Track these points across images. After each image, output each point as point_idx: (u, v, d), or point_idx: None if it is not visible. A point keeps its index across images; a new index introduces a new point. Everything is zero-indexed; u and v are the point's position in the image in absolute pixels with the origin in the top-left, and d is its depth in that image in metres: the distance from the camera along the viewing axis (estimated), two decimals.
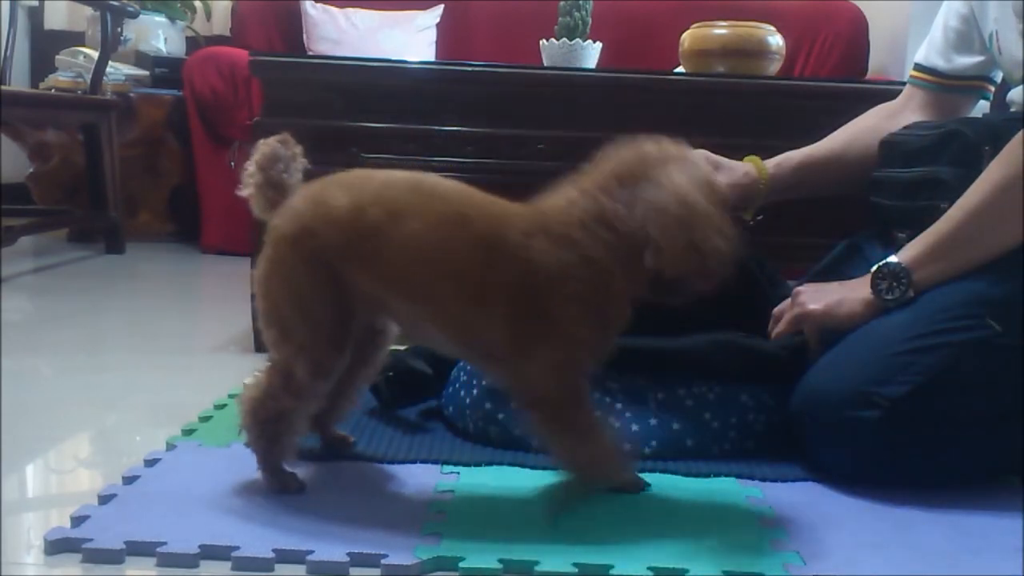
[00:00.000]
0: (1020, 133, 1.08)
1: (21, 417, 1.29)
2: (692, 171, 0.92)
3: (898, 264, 1.11)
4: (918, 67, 1.40)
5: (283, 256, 0.96)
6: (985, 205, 1.09)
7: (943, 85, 1.37)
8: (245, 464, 1.09)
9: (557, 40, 1.97)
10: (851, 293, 1.15)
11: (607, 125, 1.67)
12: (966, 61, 1.34)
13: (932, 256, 1.11)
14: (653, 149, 0.94)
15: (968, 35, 1.33)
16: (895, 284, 1.11)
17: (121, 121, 3.03)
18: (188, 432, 1.20)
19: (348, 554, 0.87)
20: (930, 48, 1.38)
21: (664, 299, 0.95)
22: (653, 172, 0.91)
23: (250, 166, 1.00)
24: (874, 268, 1.13)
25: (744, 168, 1.34)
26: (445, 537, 0.91)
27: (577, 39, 1.96)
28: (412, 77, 1.73)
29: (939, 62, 1.36)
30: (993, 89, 1.38)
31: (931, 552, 0.93)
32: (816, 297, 1.15)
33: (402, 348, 1.37)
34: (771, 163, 1.36)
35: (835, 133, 1.41)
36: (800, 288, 1.19)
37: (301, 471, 1.07)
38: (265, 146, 1.00)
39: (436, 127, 1.67)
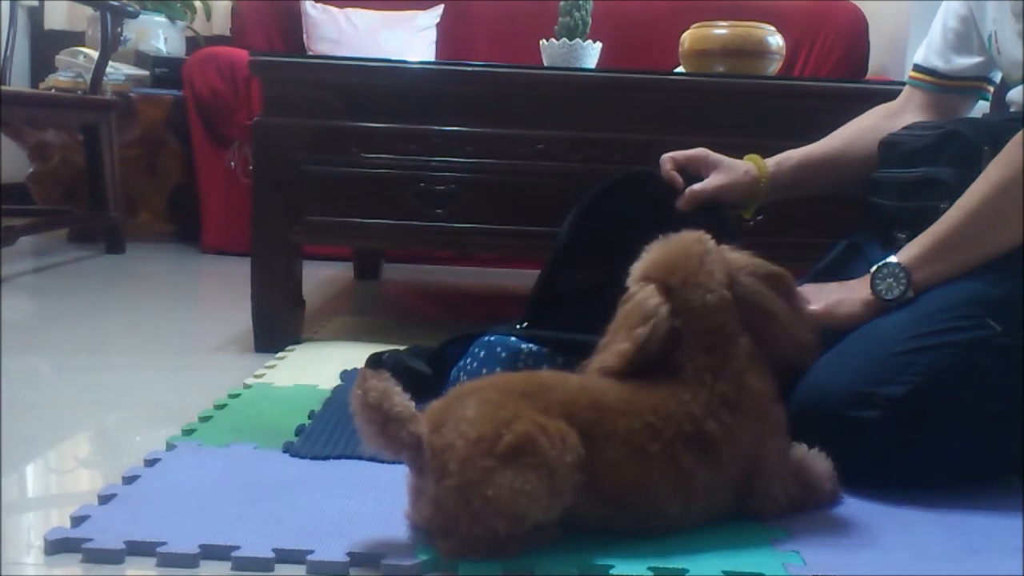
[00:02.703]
0: (1019, 134, 1.08)
1: (21, 417, 1.29)
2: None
3: (897, 264, 1.11)
4: (917, 68, 1.40)
5: None
6: (984, 206, 1.09)
7: (942, 86, 1.37)
8: (245, 464, 1.09)
9: (557, 40, 1.97)
10: (851, 293, 1.15)
11: (607, 125, 1.69)
12: (965, 62, 1.34)
13: (931, 256, 1.11)
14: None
15: (967, 36, 1.33)
16: (894, 284, 1.11)
17: (121, 121, 3.03)
18: (188, 432, 1.20)
19: (348, 554, 0.87)
20: (929, 49, 1.38)
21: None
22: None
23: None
24: (873, 268, 1.13)
25: (745, 167, 1.33)
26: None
27: (577, 39, 1.96)
28: (412, 77, 1.73)
29: (938, 63, 1.36)
30: (992, 90, 1.38)
31: (931, 552, 0.93)
32: (815, 298, 1.15)
33: (402, 348, 1.37)
34: (771, 162, 1.36)
35: (834, 133, 1.41)
36: (799, 288, 1.19)
37: (301, 471, 1.07)
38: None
39: (436, 127, 1.67)
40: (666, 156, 1.34)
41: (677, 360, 0.95)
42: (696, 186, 1.31)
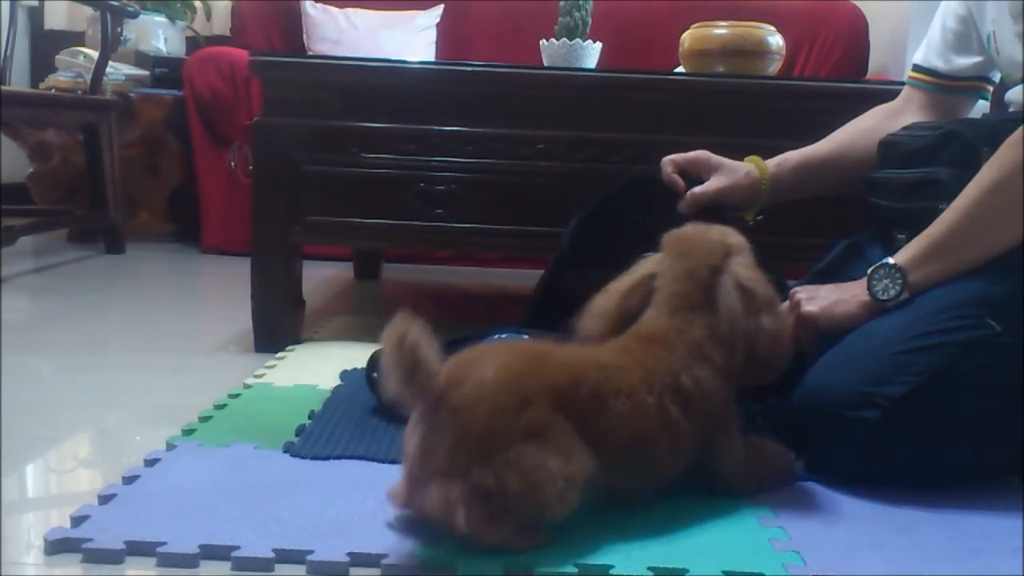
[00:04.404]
0: (1014, 134, 1.08)
1: (21, 417, 1.29)
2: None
3: (894, 265, 1.11)
4: (917, 68, 1.40)
5: None
6: (978, 207, 1.09)
7: (942, 86, 1.37)
8: (245, 464, 1.09)
9: (557, 40, 1.97)
10: (847, 295, 1.15)
11: (607, 125, 1.69)
12: (964, 62, 1.34)
13: (927, 258, 1.11)
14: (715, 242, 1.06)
15: (966, 36, 1.33)
16: (890, 285, 1.11)
17: (121, 121, 3.03)
18: (188, 432, 1.20)
19: (348, 554, 0.87)
20: (928, 49, 1.38)
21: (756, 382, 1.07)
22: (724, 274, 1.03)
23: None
24: (870, 270, 1.13)
25: (746, 168, 1.33)
26: (445, 537, 0.91)
27: (577, 39, 1.96)
28: (412, 77, 1.73)
29: (937, 63, 1.36)
30: (992, 89, 1.38)
31: (931, 552, 0.93)
32: (812, 300, 1.15)
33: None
34: (771, 163, 1.36)
35: (834, 134, 1.41)
36: (796, 290, 1.19)
37: (301, 471, 1.07)
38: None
39: (436, 127, 1.67)
40: (667, 159, 1.34)
41: (646, 320, 1.04)
42: (697, 189, 1.31)
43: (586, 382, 0.93)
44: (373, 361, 1.35)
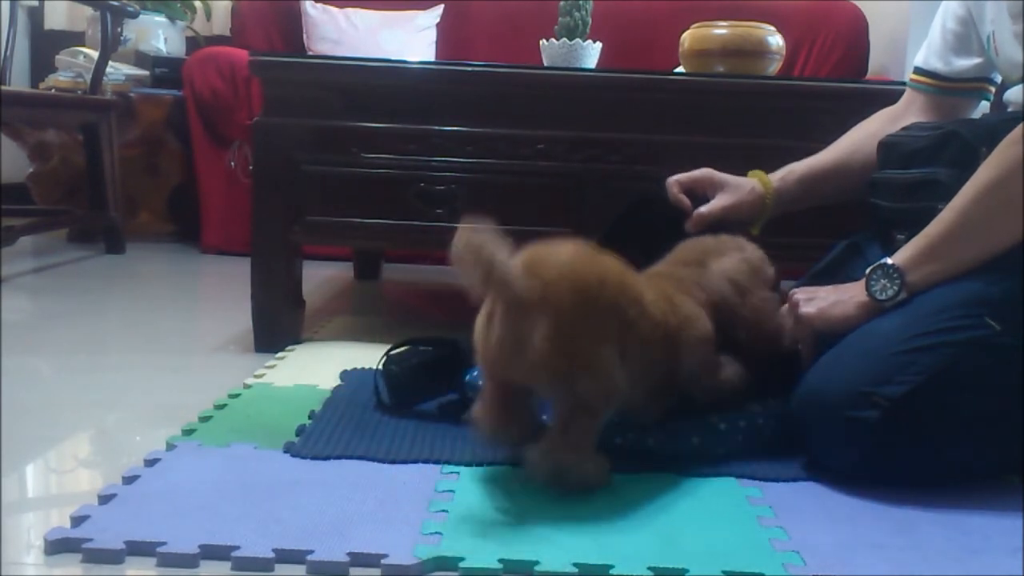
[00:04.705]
0: (1011, 133, 1.08)
1: (21, 417, 1.29)
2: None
3: (892, 265, 1.11)
4: (917, 70, 1.40)
5: None
6: (976, 206, 1.09)
7: (943, 88, 1.37)
8: (245, 464, 1.09)
9: (557, 40, 1.97)
10: (845, 296, 1.15)
11: (607, 125, 1.69)
12: (965, 63, 1.34)
13: (925, 258, 1.11)
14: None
15: (966, 37, 1.33)
16: (888, 285, 1.11)
17: (121, 121, 3.03)
18: (188, 432, 1.20)
19: (348, 554, 0.87)
20: (929, 51, 1.38)
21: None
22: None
23: None
24: (868, 270, 1.13)
25: (750, 184, 1.34)
26: (445, 537, 0.91)
27: (577, 39, 1.96)
28: (412, 77, 1.73)
29: (938, 65, 1.36)
30: (994, 90, 1.38)
31: (931, 552, 0.93)
32: (810, 301, 1.15)
33: (402, 348, 1.37)
34: (775, 176, 1.36)
35: (838, 141, 1.41)
36: (795, 291, 1.19)
37: (301, 471, 1.07)
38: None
39: (436, 127, 1.67)
40: (672, 180, 1.36)
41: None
42: (703, 208, 1.32)
43: (630, 300, 1.03)
44: (390, 357, 1.35)
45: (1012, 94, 1.24)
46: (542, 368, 0.96)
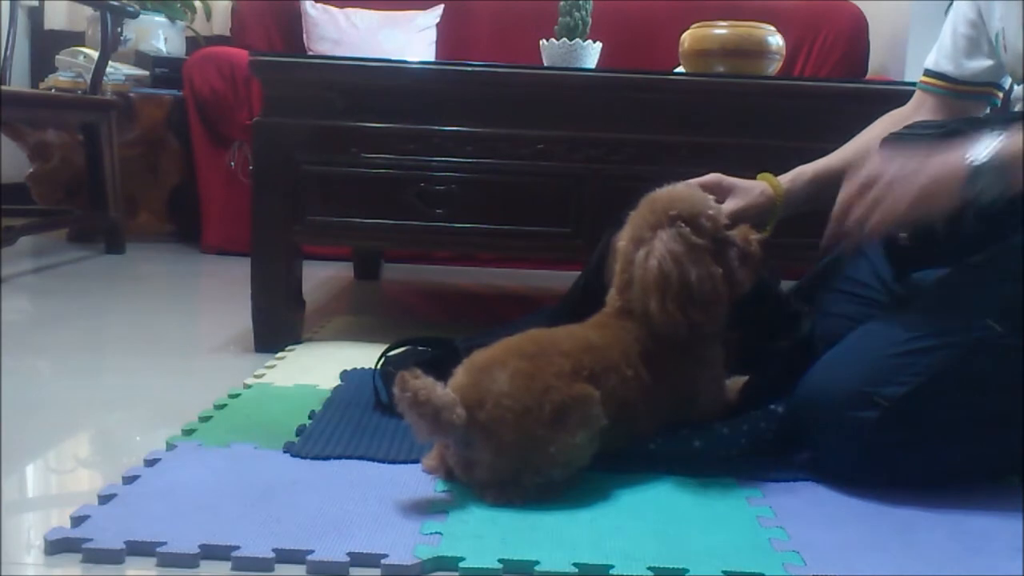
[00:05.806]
0: None
1: (21, 417, 1.29)
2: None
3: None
4: (928, 73, 1.39)
5: None
6: None
7: (953, 90, 1.36)
8: (245, 464, 1.09)
9: (557, 40, 1.97)
10: (934, 158, 1.05)
11: (607, 125, 1.69)
12: (976, 66, 1.33)
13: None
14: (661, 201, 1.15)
15: (977, 40, 1.32)
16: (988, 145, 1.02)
17: (121, 121, 3.03)
18: (188, 432, 1.20)
19: (348, 554, 0.87)
20: (939, 53, 1.38)
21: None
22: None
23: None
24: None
25: (759, 187, 1.34)
26: (445, 537, 0.91)
27: (577, 39, 1.96)
28: (412, 77, 1.73)
29: (948, 67, 1.36)
30: (1002, 96, 1.37)
31: (931, 552, 0.93)
32: (890, 165, 1.07)
33: (402, 349, 1.37)
34: (785, 179, 1.36)
35: (847, 144, 1.40)
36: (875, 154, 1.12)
37: (301, 471, 1.07)
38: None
39: (436, 127, 1.67)
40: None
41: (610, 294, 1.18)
42: None
43: (585, 366, 1.05)
44: (387, 358, 1.35)
45: (1020, 92, 1.23)
46: (491, 474, 1.01)
